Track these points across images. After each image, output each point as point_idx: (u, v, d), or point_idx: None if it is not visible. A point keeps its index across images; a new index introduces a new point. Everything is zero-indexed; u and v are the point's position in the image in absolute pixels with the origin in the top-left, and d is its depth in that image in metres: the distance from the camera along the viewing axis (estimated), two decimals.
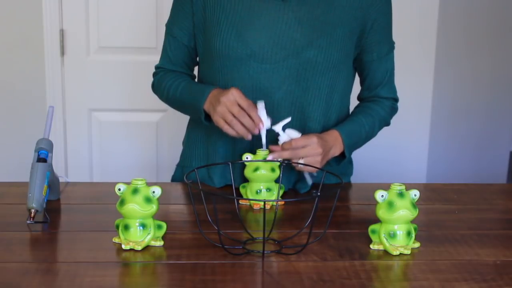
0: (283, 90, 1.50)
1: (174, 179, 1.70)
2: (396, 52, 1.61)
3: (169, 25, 1.58)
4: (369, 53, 1.56)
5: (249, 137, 1.40)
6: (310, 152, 1.40)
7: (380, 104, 1.60)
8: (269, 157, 1.38)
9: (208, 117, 1.47)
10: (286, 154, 1.39)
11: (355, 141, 1.53)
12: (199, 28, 1.53)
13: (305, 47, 1.47)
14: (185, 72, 1.61)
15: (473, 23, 2.78)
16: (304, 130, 1.52)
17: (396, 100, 1.64)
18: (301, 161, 1.39)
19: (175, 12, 1.57)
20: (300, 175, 1.53)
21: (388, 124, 1.64)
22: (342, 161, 1.53)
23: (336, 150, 1.49)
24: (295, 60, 1.48)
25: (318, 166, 1.40)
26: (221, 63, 1.50)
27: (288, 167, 1.43)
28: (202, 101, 1.45)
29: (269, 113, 1.42)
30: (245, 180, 1.44)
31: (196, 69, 1.65)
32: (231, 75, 1.50)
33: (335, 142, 1.48)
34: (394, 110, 1.64)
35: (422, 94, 2.72)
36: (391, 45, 1.60)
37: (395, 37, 1.59)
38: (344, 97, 1.59)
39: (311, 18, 1.48)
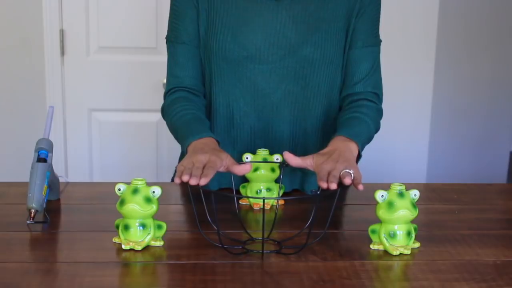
0: (282, 90, 1.50)
1: (173, 180, 1.69)
2: (396, 52, 1.61)
3: (174, 35, 1.52)
4: (353, 41, 1.51)
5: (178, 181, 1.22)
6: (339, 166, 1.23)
7: (364, 107, 1.49)
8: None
9: None
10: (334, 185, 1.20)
11: (356, 132, 1.42)
12: (201, 31, 1.50)
13: (300, 45, 1.47)
14: (196, 89, 1.53)
15: (473, 23, 2.78)
16: (306, 129, 1.52)
17: (379, 96, 1.53)
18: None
19: (177, 19, 1.51)
20: (304, 176, 1.52)
21: (378, 128, 1.53)
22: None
23: (352, 148, 1.35)
24: (292, 59, 1.48)
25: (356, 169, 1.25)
26: (219, 66, 1.50)
27: (289, 169, 1.42)
28: (185, 146, 1.38)
29: (269, 114, 1.37)
30: (244, 181, 1.44)
31: None
32: (229, 77, 1.50)
33: (342, 145, 1.34)
34: (379, 112, 1.53)
35: (422, 94, 2.72)
36: (377, 40, 1.54)
37: (395, 37, 1.59)
38: None
39: (305, 16, 1.48)
